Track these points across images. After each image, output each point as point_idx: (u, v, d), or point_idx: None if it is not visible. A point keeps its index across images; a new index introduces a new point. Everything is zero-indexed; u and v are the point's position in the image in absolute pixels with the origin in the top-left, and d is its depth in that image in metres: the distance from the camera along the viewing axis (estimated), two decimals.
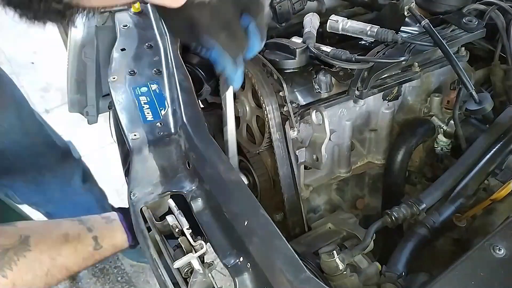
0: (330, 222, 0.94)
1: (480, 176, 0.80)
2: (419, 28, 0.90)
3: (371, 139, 0.99)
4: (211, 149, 0.73)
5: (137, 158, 0.81)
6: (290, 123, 0.81)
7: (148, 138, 0.84)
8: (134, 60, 0.99)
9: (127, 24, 1.09)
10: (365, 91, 0.82)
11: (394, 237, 0.84)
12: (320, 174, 0.95)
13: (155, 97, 0.91)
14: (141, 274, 1.83)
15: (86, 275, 1.84)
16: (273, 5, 0.92)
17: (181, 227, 0.69)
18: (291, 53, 0.83)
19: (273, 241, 0.60)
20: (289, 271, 0.56)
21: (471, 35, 0.89)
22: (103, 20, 1.13)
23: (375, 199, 1.06)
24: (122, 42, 1.04)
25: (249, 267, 0.62)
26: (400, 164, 0.94)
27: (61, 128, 1.32)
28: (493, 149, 0.81)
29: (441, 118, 0.98)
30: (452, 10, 0.91)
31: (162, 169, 0.80)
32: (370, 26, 0.84)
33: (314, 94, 0.86)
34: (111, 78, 0.94)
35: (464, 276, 0.57)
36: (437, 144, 1.00)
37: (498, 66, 0.97)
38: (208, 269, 0.65)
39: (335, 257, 0.68)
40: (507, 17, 0.92)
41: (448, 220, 0.78)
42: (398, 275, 0.67)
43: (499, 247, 0.59)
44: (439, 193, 0.79)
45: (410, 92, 0.99)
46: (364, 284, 0.70)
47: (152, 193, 0.76)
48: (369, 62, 0.80)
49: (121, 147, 1.39)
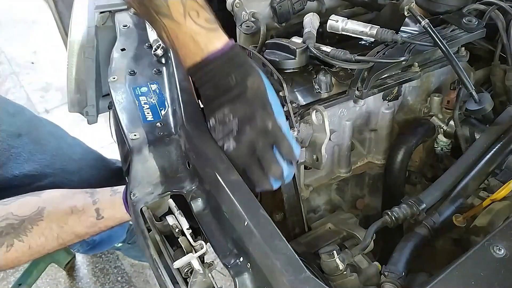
0: (330, 222, 0.94)
1: (480, 176, 0.81)
2: (419, 28, 0.91)
3: (371, 139, 0.99)
4: (211, 149, 0.73)
5: (137, 158, 0.81)
6: (290, 123, 0.81)
7: (148, 138, 0.84)
8: (134, 60, 0.99)
9: (127, 24, 1.09)
10: (365, 91, 0.82)
11: (394, 237, 0.84)
12: (320, 174, 0.95)
13: (155, 97, 0.91)
14: (141, 274, 1.83)
15: (86, 275, 1.84)
16: (273, 5, 0.92)
17: (181, 227, 0.69)
18: (291, 53, 0.83)
19: (273, 241, 0.60)
20: (289, 271, 0.56)
21: (471, 35, 0.89)
22: (103, 20, 1.13)
23: (375, 199, 1.06)
24: (122, 42, 1.04)
25: (249, 267, 0.62)
26: (400, 164, 0.94)
27: None
28: (493, 149, 0.82)
29: (441, 118, 0.98)
30: (452, 10, 0.91)
31: (162, 169, 0.80)
32: (370, 26, 0.84)
33: (314, 94, 0.86)
34: (111, 78, 0.94)
35: (464, 276, 0.57)
36: (437, 144, 1.00)
37: (498, 66, 0.96)
38: (208, 269, 0.65)
39: (335, 257, 0.68)
40: (507, 17, 0.92)
41: (448, 220, 0.78)
42: (398, 275, 0.67)
43: (499, 247, 0.59)
44: (439, 193, 0.79)
45: (410, 92, 0.99)
46: (364, 284, 0.70)
47: (152, 193, 0.76)
48: (369, 62, 0.80)
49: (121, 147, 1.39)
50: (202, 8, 0.69)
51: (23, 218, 0.86)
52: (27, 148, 1.11)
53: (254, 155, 0.69)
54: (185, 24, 0.67)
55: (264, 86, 0.70)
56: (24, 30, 3.20)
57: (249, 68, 0.71)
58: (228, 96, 0.69)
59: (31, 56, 2.97)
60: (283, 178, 0.70)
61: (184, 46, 0.69)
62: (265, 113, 0.69)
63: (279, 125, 0.69)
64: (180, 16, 0.67)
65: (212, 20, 0.69)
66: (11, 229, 0.85)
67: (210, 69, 0.69)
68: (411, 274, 0.70)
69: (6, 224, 0.85)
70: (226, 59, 0.69)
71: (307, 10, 0.95)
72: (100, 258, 1.88)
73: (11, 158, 1.08)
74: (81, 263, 1.88)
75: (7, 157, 1.08)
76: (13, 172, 1.08)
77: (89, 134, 1.95)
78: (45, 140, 1.16)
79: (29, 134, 1.13)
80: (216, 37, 0.69)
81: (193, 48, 0.68)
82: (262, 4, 0.93)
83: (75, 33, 1.15)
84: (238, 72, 0.69)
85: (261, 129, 0.68)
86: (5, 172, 1.08)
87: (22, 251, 0.86)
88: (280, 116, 0.70)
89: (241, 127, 0.69)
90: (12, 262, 0.87)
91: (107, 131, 1.31)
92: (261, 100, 0.69)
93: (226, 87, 0.69)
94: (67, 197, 0.93)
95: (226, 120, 0.70)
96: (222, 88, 0.70)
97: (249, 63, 0.72)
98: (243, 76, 0.69)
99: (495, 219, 0.78)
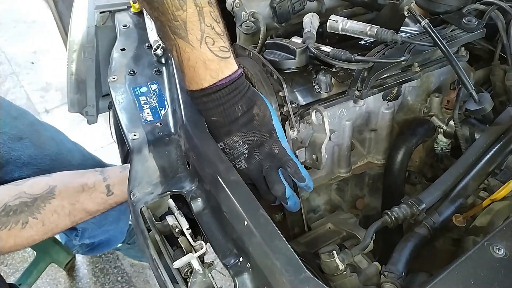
0: (330, 222, 0.94)
1: (480, 176, 0.80)
2: (419, 28, 0.90)
3: (371, 139, 0.99)
4: (211, 149, 0.73)
5: (137, 158, 0.81)
6: (290, 123, 0.81)
7: (148, 138, 0.84)
8: (134, 60, 0.99)
9: (127, 24, 1.09)
10: (365, 91, 0.82)
11: (394, 237, 0.84)
12: (320, 174, 0.95)
13: (155, 97, 0.91)
14: (141, 274, 1.83)
15: (86, 275, 1.84)
16: (273, 5, 0.92)
17: (181, 227, 0.69)
18: (291, 53, 0.83)
19: (273, 241, 0.60)
20: (289, 271, 0.56)
21: (471, 35, 0.89)
22: (103, 20, 1.14)
23: (375, 199, 1.06)
24: (122, 42, 1.04)
25: (249, 267, 0.62)
26: (400, 164, 0.94)
27: (61, 128, 1.32)
28: (493, 149, 0.81)
29: (441, 118, 0.98)
30: (452, 10, 0.91)
31: (162, 169, 0.80)
32: (370, 26, 0.84)
33: (314, 94, 0.86)
34: (111, 78, 0.94)
35: (464, 276, 0.57)
36: (437, 144, 1.00)
37: (498, 66, 0.96)
38: (208, 269, 0.65)
39: (335, 257, 0.68)
40: (507, 17, 0.92)
41: (448, 220, 0.78)
42: (398, 275, 0.67)
43: (499, 247, 0.59)
44: (439, 193, 0.79)
45: (410, 92, 0.99)
46: (364, 284, 0.70)
47: (152, 193, 0.76)
48: (369, 62, 0.80)
49: (121, 147, 1.39)
50: (219, 36, 0.70)
51: (36, 197, 0.89)
52: (27, 152, 1.11)
53: (261, 174, 0.76)
54: (200, 49, 0.69)
55: (269, 114, 0.75)
56: (24, 30, 3.20)
57: (255, 97, 0.75)
58: (237, 124, 0.74)
59: (31, 56, 2.97)
60: (285, 197, 0.77)
61: (194, 69, 0.70)
62: (271, 140, 0.75)
63: (285, 149, 0.76)
64: (196, 41, 0.68)
65: (227, 48, 0.71)
66: (24, 207, 0.87)
67: (218, 96, 0.72)
68: (411, 274, 0.70)
69: (20, 202, 0.88)
70: (234, 87, 0.72)
71: (307, 10, 0.95)
72: (100, 258, 1.88)
73: (11, 161, 1.08)
74: (81, 263, 1.88)
75: (6, 160, 1.08)
76: (12, 175, 1.08)
77: (89, 134, 1.96)
78: (45, 145, 1.16)
79: (30, 138, 1.13)
80: (227, 66, 0.71)
81: (203, 73, 0.70)
82: (262, 4, 0.93)
83: (75, 33, 1.15)
84: (245, 100, 0.73)
85: (268, 154, 0.75)
86: (4, 174, 1.08)
87: (37, 228, 0.88)
88: (284, 140, 0.77)
89: (251, 151, 0.75)
90: (27, 240, 0.89)
91: (107, 131, 1.31)
92: (267, 128, 0.75)
93: (234, 115, 0.73)
94: (77, 175, 0.96)
95: (236, 145, 0.75)
96: (230, 116, 0.74)
97: (254, 91, 0.76)
98: (249, 105, 0.74)
99: (495, 219, 0.78)
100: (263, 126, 0.75)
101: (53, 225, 0.90)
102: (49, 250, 1.71)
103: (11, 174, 1.09)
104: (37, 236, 0.90)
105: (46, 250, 1.71)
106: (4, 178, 1.07)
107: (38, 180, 0.94)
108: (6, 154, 1.08)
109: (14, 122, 1.12)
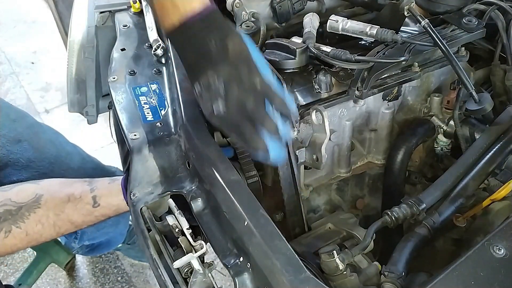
0: (330, 222, 0.94)
1: (480, 176, 0.80)
2: (419, 28, 0.90)
3: (371, 139, 0.99)
4: (211, 149, 0.73)
5: (137, 158, 0.81)
6: (290, 123, 0.81)
7: (148, 138, 0.84)
8: (134, 60, 0.99)
9: (127, 24, 1.09)
10: (365, 91, 0.82)
11: (394, 237, 0.84)
12: (320, 174, 0.95)
13: (155, 97, 0.91)
14: (141, 274, 1.83)
15: (86, 275, 1.84)
16: (273, 5, 0.92)
17: (181, 227, 0.69)
18: (291, 53, 0.83)
19: (273, 241, 0.60)
20: (289, 271, 0.56)
21: (471, 35, 0.89)
22: (103, 20, 1.13)
23: (375, 199, 1.06)
24: (122, 42, 1.04)
25: (249, 267, 0.62)
26: (400, 164, 0.94)
27: (61, 128, 1.32)
28: (493, 149, 0.81)
29: (441, 118, 0.98)
30: (452, 10, 0.91)
31: (162, 169, 0.80)
32: (370, 26, 0.84)
33: (314, 94, 0.86)
34: (111, 78, 0.94)
35: (464, 276, 0.57)
36: (437, 144, 1.00)
37: (498, 66, 0.96)
38: (208, 269, 0.65)
39: (335, 257, 0.68)
40: (507, 17, 0.92)
41: (448, 220, 0.78)
42: (398, 275, 0.67)
43: (499, 247, 0.59)
44: (439, 193, 0.79)
45: (410, 92, 0.99)
46: (364, 284, 0.70)
47: (152, 193, 0.76)
48: (369, 62, 0.80)
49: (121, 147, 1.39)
50: None
51: (21, 205, 0.87)
52: (26, 154, 1.10)
53: (245, 114, 0.66)
54: None
55: (246, 48, 0.68)
56: (24, 30, 3.20)
57: (229, 31, 0.68)
58: (210, 60, 0.66)
59: (31, 56, 2.97)
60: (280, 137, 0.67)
61: (162, 6, 0.67)
62: (251, 73, 0.66)
63: (268, 83, 0.67)
64: None
65: None
66: (8, 215, 0.86)
67: (190, 34, 0.66)
68: (411, 274, 0.70)
69: (4, 210, 0.86)
70: (206, 23, 0.66)
71: (307, 10, 0.95)
72: (100, 258, 1.88)
73: (9, 164, 1.08)
74: (81, 263, 1.87)
75: (5, 163, 1.07)
76: (11, 178, 1.08)
77: (89, 134, 1.95)
78: (44, 148, 1.16)
79: (29, 141, 1.12)
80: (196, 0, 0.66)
81: (171, 7, 0.66)
82: (262, 4, 0.93)
83: (75, 33, 1.15)
84: (217, 33, 0.66)
85: (249, 88, 0.66)
86: (3, 177, 1.07)
87: (20, 238, 0.87)
88: (269, 75, 0.68)
89: (228, 88, 0.65)
90: (11, 248, 0.88)
91: (107, 131, 1.31)
92: (245, 61, 0.67)
93: (205, 48, 0.66)
94: (65, 185, 0.93)
95: (211, 83, 0.66)
96: (200, 50, 0.66)
97: (229, 25, 0.69)
98: (223, 39, 0.66)
99: (495, 219, 0.78)
100: (239, 59, 0.66)
101: (37, 235, 0.88)
102: (49, 250, 1.71)
103: (9, 177, 1.08)
104: (20, 245, 0.88)
105: (46, 250, 1.70)
106: (2, 181, 1.06)
107: (26, 187, 0.91)
108: (4, 157, 1.07)
109: (13, 124, 1.12)
